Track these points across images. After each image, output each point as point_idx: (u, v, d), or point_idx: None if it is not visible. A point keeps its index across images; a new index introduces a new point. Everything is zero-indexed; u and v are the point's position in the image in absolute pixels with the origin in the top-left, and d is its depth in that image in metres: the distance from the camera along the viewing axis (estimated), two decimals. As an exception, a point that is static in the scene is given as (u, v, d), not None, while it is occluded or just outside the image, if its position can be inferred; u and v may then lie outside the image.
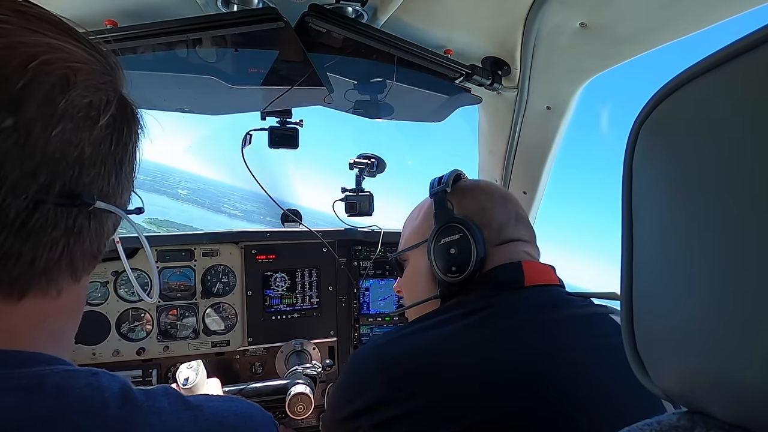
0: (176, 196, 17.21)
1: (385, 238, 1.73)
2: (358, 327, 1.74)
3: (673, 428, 0.33)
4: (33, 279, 0.37)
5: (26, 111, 0.34)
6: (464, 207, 0.86)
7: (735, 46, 0.28)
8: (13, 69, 0.33)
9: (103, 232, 0.43)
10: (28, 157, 0.34)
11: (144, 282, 1.51)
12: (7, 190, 0.33)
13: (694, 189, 0.30)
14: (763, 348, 0.26)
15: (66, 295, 0.41)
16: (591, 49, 1.08)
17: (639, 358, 0.36)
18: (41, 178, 0.35)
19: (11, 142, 0.33)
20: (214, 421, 0.41)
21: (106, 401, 0.36)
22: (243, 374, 1.61)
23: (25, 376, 0.34)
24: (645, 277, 0.36)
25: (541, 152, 1.42)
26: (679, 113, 0.33)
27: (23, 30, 0.35)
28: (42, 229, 0.36)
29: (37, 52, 0.35)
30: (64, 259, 0.39)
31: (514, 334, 0.68)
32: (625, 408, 0.62)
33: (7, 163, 0.33)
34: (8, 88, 0.33)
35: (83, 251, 0.41)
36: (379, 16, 1.11)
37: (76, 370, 0.38)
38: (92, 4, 0.99)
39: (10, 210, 0.34)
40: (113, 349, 1.47)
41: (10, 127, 0.33)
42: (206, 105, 1.48)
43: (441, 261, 0.82)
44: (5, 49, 0.34)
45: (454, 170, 0.92)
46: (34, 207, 0.35)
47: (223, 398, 0.46)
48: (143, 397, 0.39)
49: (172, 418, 0.39)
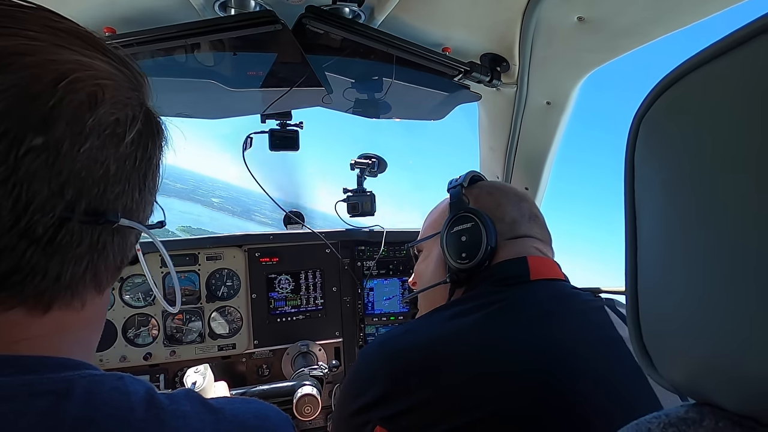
0: (210, 205, 17.47)
1: (388, 237, 1.74)
2: (364, 327, 1.74)
3: (682, 420, 0.33)
4: (58, 293, 0.38)
5: (55, 130, 0.34)
6: (480, 202, 0.89)
7: (734, 36, 0.28)
8: (43, 87, 0.34)
9: (126, 246, 0.44)
10: (56, 175, 0.35)
11: (147, 288, 1.52)
12: (35, 208, 0.34)
13: (698, 180, 0.30)
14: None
15: (90, 307, 0.42)
16: (589, 42, 1.08)
17: (645, 350, 0.36)
18: (68, 196, 0.36)
19: (41, 161, 0.34)
20: (235, 422, 0.42)
21: (132, 405, 0.37)
22: (250, 377, 1.62)
23: (56, 380, 0.35)
24: (650, 269, 0.36)
25: (542, 148, 1.41)
26: (680, 104, 0.32)
27: (53, 47, 0.36)
28: (67, 246, 0.37)
29: (67, 70, 0.35)
30: (89, 274, 0.40)
31: (522, 327, 0.68)
32: (632, 399, 0.62)
33: (36, 182, 0.34)
34: (39, 107, 0.34)
35: (107, 265, 0.42)
36: (377, 16, 1.11)
37: (102, 374, 0.38)
38: (90, 12, 0.99)
39: (37, 227, 0.34)
40: (120, 355, 1.48)
41: (39, 146, 0.33)
42: (206, 109, 1.48)
43: (452, 248, 0.86)
44: (36, 67, 0.34)
45: (472, 171, 0.96)
46: (60, 224, 0.36)
47: (241, 400, 0.47)
48: (167, 400, 0.39)
49: (196, 421, 0.39)
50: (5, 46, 0.34)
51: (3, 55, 0.33)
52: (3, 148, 0.32)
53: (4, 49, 0.33)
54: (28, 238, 0.34)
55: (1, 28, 0.34)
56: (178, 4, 1.02)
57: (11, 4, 0.37)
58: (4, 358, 0.35)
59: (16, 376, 0.34)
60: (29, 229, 0.34)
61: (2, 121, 0.32)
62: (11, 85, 0.33)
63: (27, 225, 0.34)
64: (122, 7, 1.02)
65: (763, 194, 0.26)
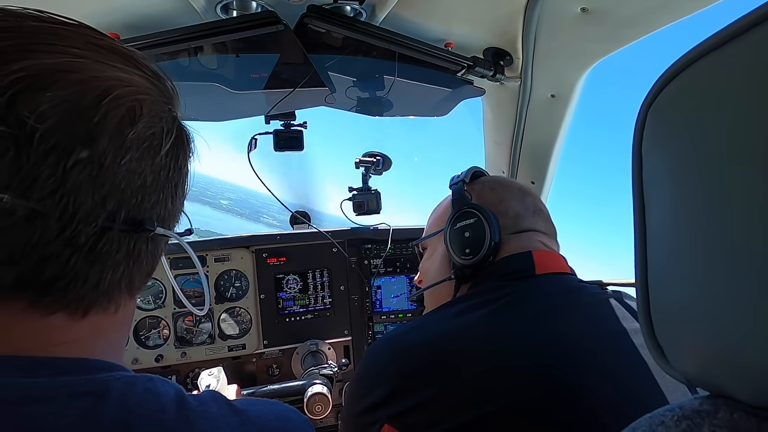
0: (218, 207, 17.70)
1: (395, 235, 1.74)
2: (372, 325, 1.75)
3: (696, 413, 0.33)
4: (97, 298, 0.40)
5: (99, 144, 0.36)
6: (483, 197, 0.88)
7: (739, 23, 0.27)
8: (88, 104, 0.36)
9: (158, 253, 0.46)
10: (99, 187, 0.36)
11: (159, 290, 1.53)
12: (80, 217, 0.35)
13: (708, 168, 0.30)
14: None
15: (122, 311, 0.44)
16: (593, 33, 1.07)
17: (657, 343, 0.36)
18: (109, 206, 0.37)
19: (86, 174, 0.35)
20: (259, 424, 0.43)
21: (164, 406, 0.38)
22: (260, 377, 1.63)
23: (93, 382, 0.36)
24: (660, 261, 0.35)
25: (548, 141, 1.40)
26: (687, 93, 0.32)
27: (96, 63, 0.38)
28: (107, 254, 0.39)
29: (110, 87, 0.37)
30: (124, 280, 0.41)
31: (528, 322, 0.68)
32: (637, 391, 0.62)
33: (82, 193, 0.35)
34: (85, 122, 0.35)
35: (140, 271, 0.44)
36: (378, 14, 1.11)
37: (134, 376, 0.40)
38: (94, 18, 1.00)
39: (81, 236, 0.36)
40: (132, 358, 1.50)
41: (85, 159, 0.35)
42: (211, 112, 1.49)
43: (456, 244, 0.85)
44: (81, 84, 0.36)
45: (473, 166, 0.96)
46: (101, 233, 0.37)
47: (263, 401, 0.48)
48: (195, 402, 0.40)
49: (223, 423, 0.40)
50: (53, 63, 0.35)
51: (51, 72, 0.35)
52: (52, 160, 0.34)
53: (52, 66, 0.35)
54: (72, 246, 0.36)
55: (48, 46, 0.36)
56: (181, 7, 1.02)
57: (55, 21, 0.39)
58: (42, 360, 0.36)
59: (54, 378, 0.35)
60: (74, 238, 0.36)
61: (52, 135, 0.34)
62: (61, 101, 0.34)
63: (72, 234, 0.35)
64: (125, 12, 1.03)
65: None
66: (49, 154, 0.33)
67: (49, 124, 0.33)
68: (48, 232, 0.34)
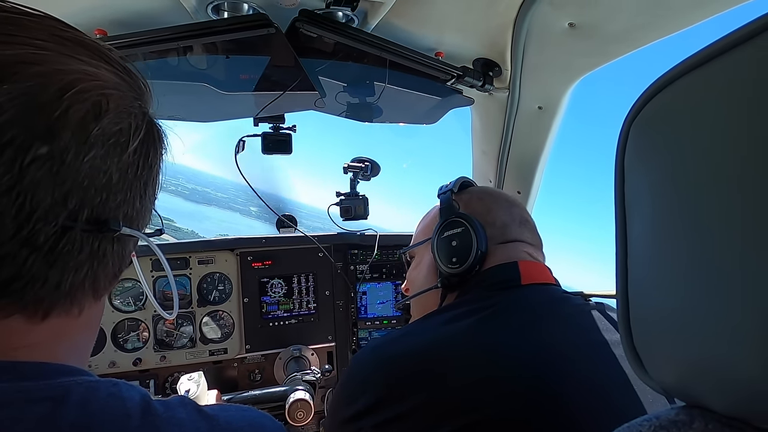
0: (248, 214, 17.64)
1: (382, 241, 1.73)
2: (357, 331, 1.74)
3: (672, 423, 0.34)
4: (57, 301, 0.38)
5: (60, 140, 0.34)
6: (470, 207, 0.89)
7: (723, 41, 0.28)
8: (49, 97, 0.34)
9: (125, 254, 0.45)
10: (60, 184, 0.35)
11: (139, 292, 1.50)
12: (38, 216, 0.34)
13: (686, 183, 0.31)
14: (759, 341, 0.26)
15: (86, 313, 0.42)
16: (580, 48, 1.09)
17: (636, 353, 0.36)
18: (71, 205, 0.36)
19: (45, 170, 0.34)
20: (229, 430, 0.42)
21: (128, 412, 0.37)
22: (242, 382, 1.60)
23: (52, 387, 0.35)
24: (640, 273, 0.36)
25: (534, 152, 1.42)
26: (669, 109, 0.33)
27: (60, 56, 0.36)
28: (69, 254, 0.37)
29: (74, 80, 0.36)
30: (88, 281, 0.40)
31: (514, 331, 0.68)
32: (617, 401, 0.63)
33: (40, 191, 0.34)
34: (45, 116, 0.34)
35: (106, 273, 0.42)
36: (370, 20, 1.12)
37: (98, 380, 0.38)
38: (81, 15, 0.98)
39: (39, 235, 0.34)
40: (109, 361, 1.46)
41: (44, 155, 0.33)
42: (199, 112, 1.47)
43: (443, 253, 0.85)
44: (42, 77, 0.34)
45: (462, 177, 0.97)
46: (62, 233, 0.36)
47: (235, 407, 0.47)
48: (162, 407, 0.39)
49: (191, 429, 0.39)
50: (13, 55, 0.34)
51: (10, 64, 0.33)
52: (8, 156, 0.32)
53: (12, 57, 0.33)
54: (30, 246, 0.34)
55: (9, 36, 0.34)
56: (171, 6, 1.01)
57: (19, 11, 0.37)
58: (2, 364, 0.35)
59: (13, 383, 0.34)
60: (31, 237, 0.34)
61: (8, 129, 0.32)
62: (19, 94, 0.33)
63: (29, 233, 0.34)
64: (114, 9, 1.01)
65: (753, 195, 0.26)
66: (4, 149, 0.32)
67: (5, 118, 0.32)
68: (3, 231, 0.33)
